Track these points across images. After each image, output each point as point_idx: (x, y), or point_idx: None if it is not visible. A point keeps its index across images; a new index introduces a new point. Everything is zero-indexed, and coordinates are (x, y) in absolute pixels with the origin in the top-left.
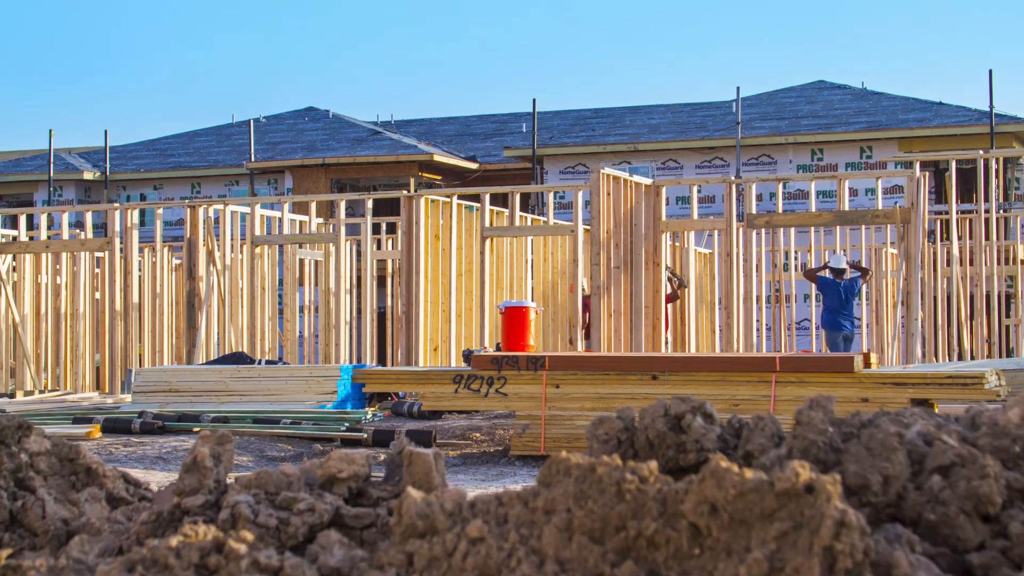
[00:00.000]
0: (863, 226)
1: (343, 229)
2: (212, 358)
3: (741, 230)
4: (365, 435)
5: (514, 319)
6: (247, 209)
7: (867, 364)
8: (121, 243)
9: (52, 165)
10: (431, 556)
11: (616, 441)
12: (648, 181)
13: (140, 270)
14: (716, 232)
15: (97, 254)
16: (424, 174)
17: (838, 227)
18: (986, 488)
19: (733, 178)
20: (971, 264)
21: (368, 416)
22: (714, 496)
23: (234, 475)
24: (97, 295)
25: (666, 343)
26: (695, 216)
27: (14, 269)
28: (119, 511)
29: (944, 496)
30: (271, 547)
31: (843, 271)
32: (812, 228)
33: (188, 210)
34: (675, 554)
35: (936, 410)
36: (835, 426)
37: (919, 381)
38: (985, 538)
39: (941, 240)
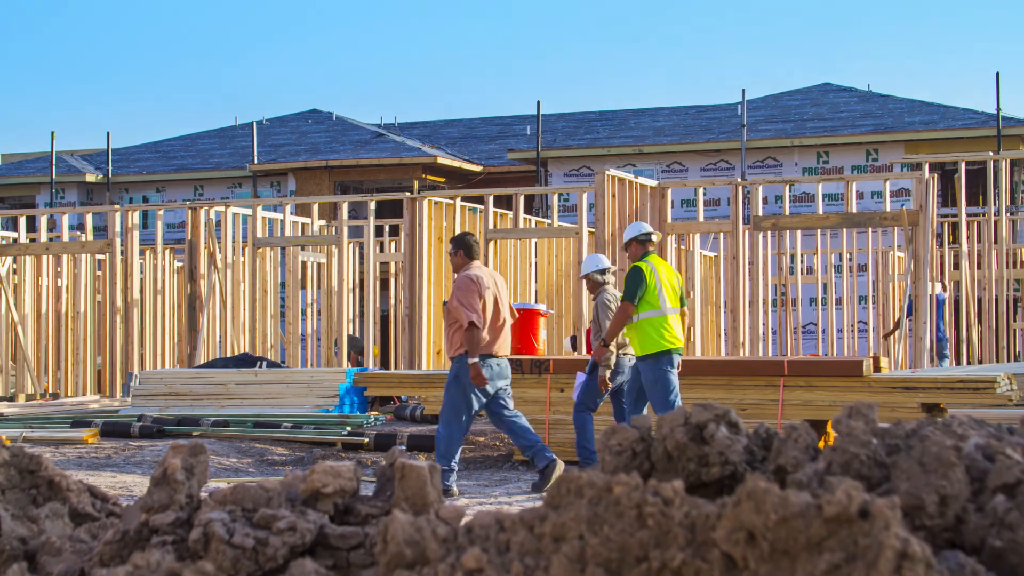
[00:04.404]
0: (870, 229)
1: (346, 231)
2: (215, 361)
3: (747, 232)
4: (366, 439)
5: (523, 322)
6: (249, 211)
7: (876, 368)
8: (122, 245)
9: (54, 167)
10: None
11: (631, 453)
12: (653, 183)
13: (141, 272)
14: (722, 234)
15: (98, 256)
16: (428, 176)
17: (845, 229)
18: None
19: (739, 180)
20: (979, 267)
21: (370, 420)
22: (752, 522)
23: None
24: (99, 297)
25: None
26: (700, 218)
27: (15, 271)
28: (83, 528)
29: (1011, 519)
30: None
31: None
32: (819, 231)
33: (189, 212)
34: None
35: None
36: (878, 437)
37: (930, 385)
38: None
39: (949, 243)
